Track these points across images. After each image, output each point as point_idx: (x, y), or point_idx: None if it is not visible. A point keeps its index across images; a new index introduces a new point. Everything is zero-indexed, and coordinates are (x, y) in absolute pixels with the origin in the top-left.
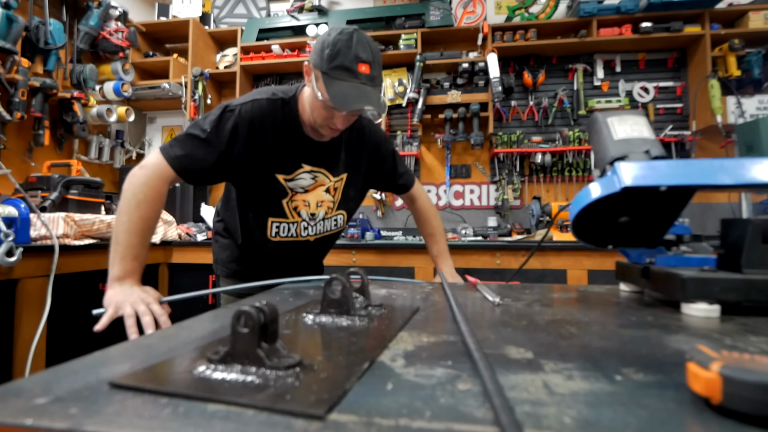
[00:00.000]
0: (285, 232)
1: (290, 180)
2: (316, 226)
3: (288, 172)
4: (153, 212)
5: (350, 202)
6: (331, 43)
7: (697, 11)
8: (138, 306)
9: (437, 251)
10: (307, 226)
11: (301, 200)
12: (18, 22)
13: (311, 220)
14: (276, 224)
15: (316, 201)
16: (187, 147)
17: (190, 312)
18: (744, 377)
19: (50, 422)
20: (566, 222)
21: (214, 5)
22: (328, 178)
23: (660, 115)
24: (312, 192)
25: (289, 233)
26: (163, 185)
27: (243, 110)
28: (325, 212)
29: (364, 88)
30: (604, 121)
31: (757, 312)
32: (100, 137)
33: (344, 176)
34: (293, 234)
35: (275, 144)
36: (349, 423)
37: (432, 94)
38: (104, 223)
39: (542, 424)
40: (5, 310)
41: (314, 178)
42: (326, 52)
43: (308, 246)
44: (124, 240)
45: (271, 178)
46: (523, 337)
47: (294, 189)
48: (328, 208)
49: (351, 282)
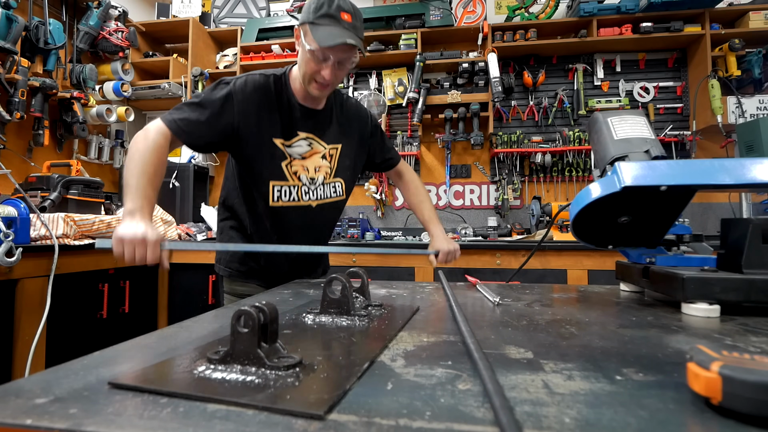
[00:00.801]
0: (287, 196)
1: (288, 146)
2: (317, 191)
3: (286, 138)
4: (157, 160)
5: (347, 171)
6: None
7: (698, 11)
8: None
9: (428, 216)
10: (307, 190)
11: (300, 165)
12: (18, 22)
13: (311, 185)
14: (278, 188)
15: (314, 166)
16: (183, 111)
17: (190, 312)
18: (744, 377)
19: (50, 422)
20: (566, 222)
21: (214, 5)
22: (322, 146)
23: (660, 115)
24: (309, 158)
25: (291, 197)
26: (163, 141)
27: (237, 83)
28: (323, 177)
29: (346, 31)
30: (604, 121)
31: (757, 312)
32: (100, 137)
33: (339, 146)
34: (295, 198)
35: (270, 112)
36: (349, 423)
37: (432, 94)
38: (104, 223)
39: (542, 424)
40: (5, 310)
41: (310, 145)
42: (312, 6)
43: (312, 214)
44: (134, 183)
45: (269, 142)
46: (523, 337)
47: (292, 155)
48: (326, 173)
49: (351, 282)
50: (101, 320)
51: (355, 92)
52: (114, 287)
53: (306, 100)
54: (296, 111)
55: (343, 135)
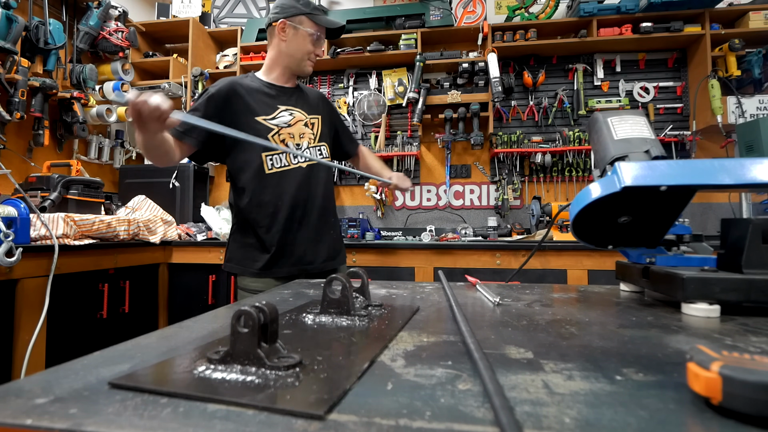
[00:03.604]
0: (279, 163)
1: (272, 119)
2: (304, 154)
3: (267, 114)
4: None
5: (328, 137)
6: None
7: (697, 11)
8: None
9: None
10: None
11: (286, 133)
12: (18, 22)
13: (297, 149)
14: (269, 158)
15: (298, 133)
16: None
17: (190, 312)
18: (744, 377)
19: (50, 422)
20: (566, 222)
21: (214, 5)
22: (303, 114)
23: (660, 115)
24: (294, 126)
25: (282, 163)
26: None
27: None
28: (308, 143)
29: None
30: (604, 121)
31: (757, 312)
32: (100, 137)
33: (319, 117)
34: (285, 163)
35: (249, 97)
36: (349, 423)
37: (432, 94)
38: (104, 223)
39: (542, 424)
40: (5, 310)
41: (291, 115)
42: (299, 3)
43: (306, 174)
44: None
45: (253, 121)
46: (523, 337)
47: (279, 125)
48: (310, 139)
49: (351, 282)
50: (101, 320)
51: (355, 92)
52: (114, 287)
53: (279, 81)
54: (272, 90)
55: (316, 107)
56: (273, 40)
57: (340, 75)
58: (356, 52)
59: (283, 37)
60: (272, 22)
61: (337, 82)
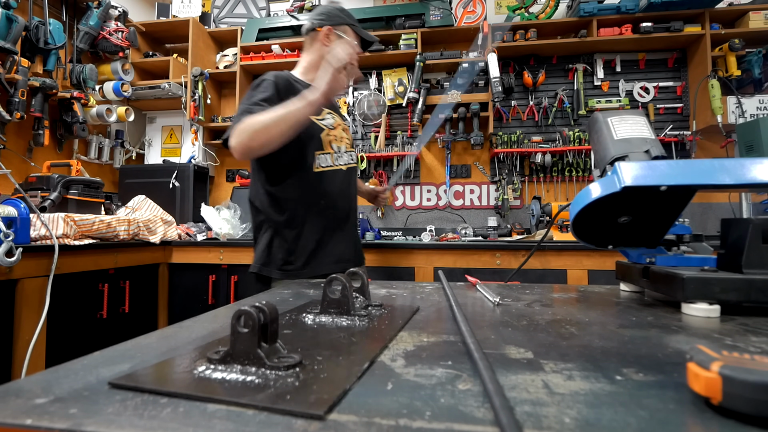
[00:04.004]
0: (325, 162)
1: (321, 120)
2: (343, 157)
3: (317, 114)
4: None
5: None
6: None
7: (697, 11)
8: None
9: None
10: (337, 157)
11: (333, 135)
12: (18, 22)
13: (338, 152)
14: (318, 155)
15: (340, 137)
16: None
17: (190, 312)
18: (744, 377)
19: (50, 422)
20: (566, 222)
21: (214, 5)
22: (340, 120)
23: (660, 115)
24: (336, 129)
25: (328, 163)
26: None
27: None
28: (346, 147)
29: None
30: (604, 121)
31: (757, 312)
32: (100, 137)
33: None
34: (330, 163)
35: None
36: (349, 423)
37: (432, 94)
38: (104, 223)
39: (542, 424)
40: (5, 311)
41: (333, 118)
42: (344, 13)
43: (344, 177)
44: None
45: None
46: (523, 337)
47: (327, 126)
48: (347, 144)
49: (351, 282)
50: (101, 320)
51: (355, 92)
52: (114, 287)
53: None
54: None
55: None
56: (314, 44)
57: None
58: None
59: (326, 43)
60: (316, 27)
61: None
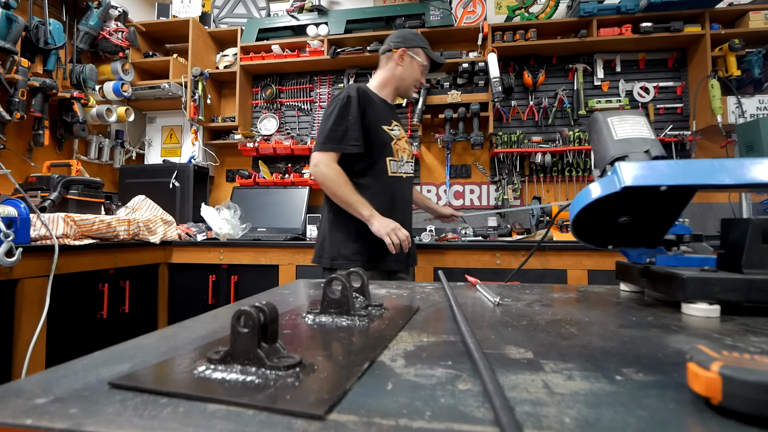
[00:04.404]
0: (395, 168)
1: (391, 130)
2: (405, 166)
3: (387, 124)
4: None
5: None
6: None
7: (697, 11)
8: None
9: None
10: (403, 164)
11: (399, 145)
12: (18, 22)
13: (401, 161)
14: (392, 162)
15: (404, 147)
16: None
17: (190, 312)
18: (744, 377)
19: (50, 422)
20: (566, 222)
21: (214, 5)
22: (403, 132)
23: (660, 115)
24: (401, 140)
25: (397, 170)
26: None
27: (350, 90)
28: (407, 156)
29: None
30: (604, 121)
31: (757, 312)
32: (100, 137)
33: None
34: (396, 171)
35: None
36: (349, 423)
37: (432, 94)
38: (104, 223)
39: (542, 424)
40: (5, 311)
41: (399, 130)
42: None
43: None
44: (355, 199)
45: (380, 129)
46: (523, 337)
47: (396, 136)
48: (408, 154)
49: (351, 282)
50: (101, 320)
51: None
52: (114, 287)
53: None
54: (386, 105)
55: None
56: (389, 63)
57: (340, 75)
58: (356, 52)
59: (400, 63)
60: (392, 49)
61: (337, 82)
